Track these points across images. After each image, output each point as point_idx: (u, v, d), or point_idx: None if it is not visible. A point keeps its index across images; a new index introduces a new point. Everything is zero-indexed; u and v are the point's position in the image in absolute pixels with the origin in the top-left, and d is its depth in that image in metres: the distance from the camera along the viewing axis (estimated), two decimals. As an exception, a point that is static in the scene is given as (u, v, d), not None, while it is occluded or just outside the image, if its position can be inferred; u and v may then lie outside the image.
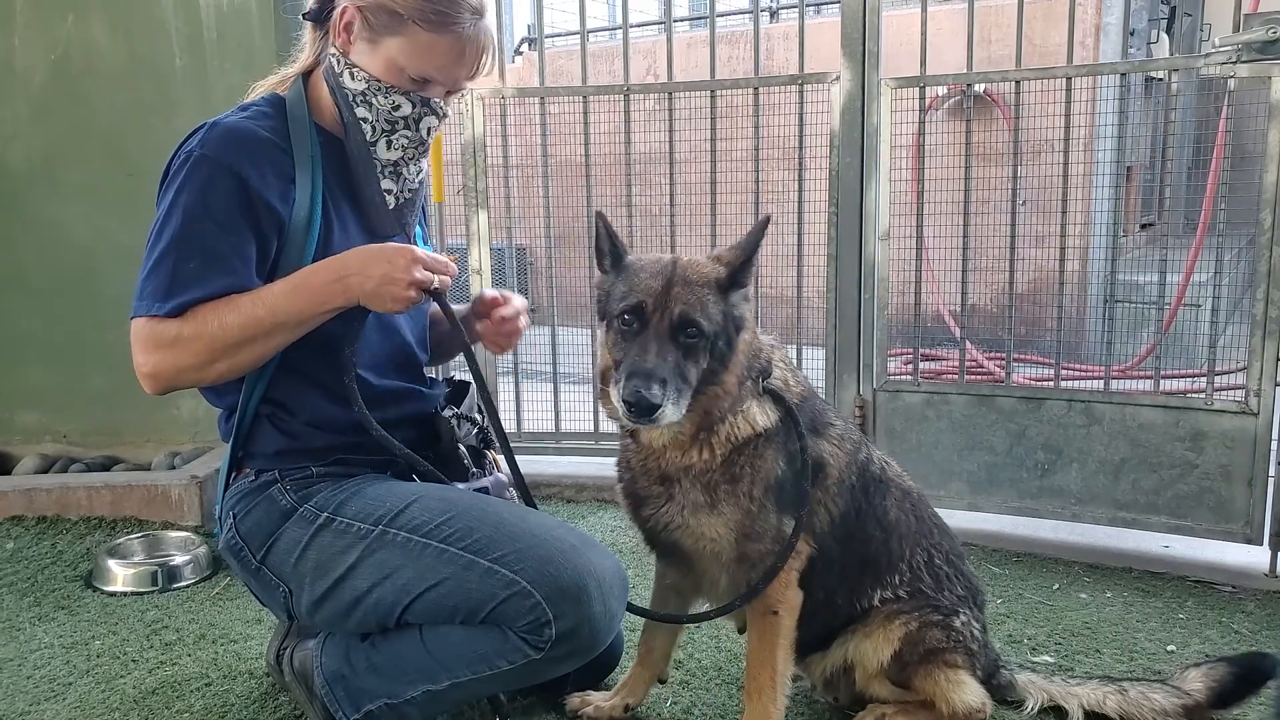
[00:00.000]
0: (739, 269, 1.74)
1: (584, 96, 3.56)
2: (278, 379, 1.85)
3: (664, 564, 2.00)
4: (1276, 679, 1.99)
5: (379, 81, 1.79)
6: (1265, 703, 2.03)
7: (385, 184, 1.87)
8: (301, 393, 1.87)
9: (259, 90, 1.94)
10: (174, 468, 3.54)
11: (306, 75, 1.91)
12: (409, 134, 1.85)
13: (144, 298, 1.69)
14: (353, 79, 1.80)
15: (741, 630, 2.07)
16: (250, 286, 1.72)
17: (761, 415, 1.79)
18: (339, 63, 1.81)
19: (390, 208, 1.89)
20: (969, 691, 1.94)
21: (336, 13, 1.80)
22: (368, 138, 1.83)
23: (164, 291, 1.68)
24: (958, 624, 1.95)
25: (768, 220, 1.76)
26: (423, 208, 2.11)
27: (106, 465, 3.70)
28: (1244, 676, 2.00)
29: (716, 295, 1.72)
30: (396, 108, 1.82)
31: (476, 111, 3.57)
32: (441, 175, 3.68)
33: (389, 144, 1.85)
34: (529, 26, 8.96)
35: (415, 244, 1.93)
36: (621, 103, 3.52)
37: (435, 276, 1.75)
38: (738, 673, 2.23)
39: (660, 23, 5.40)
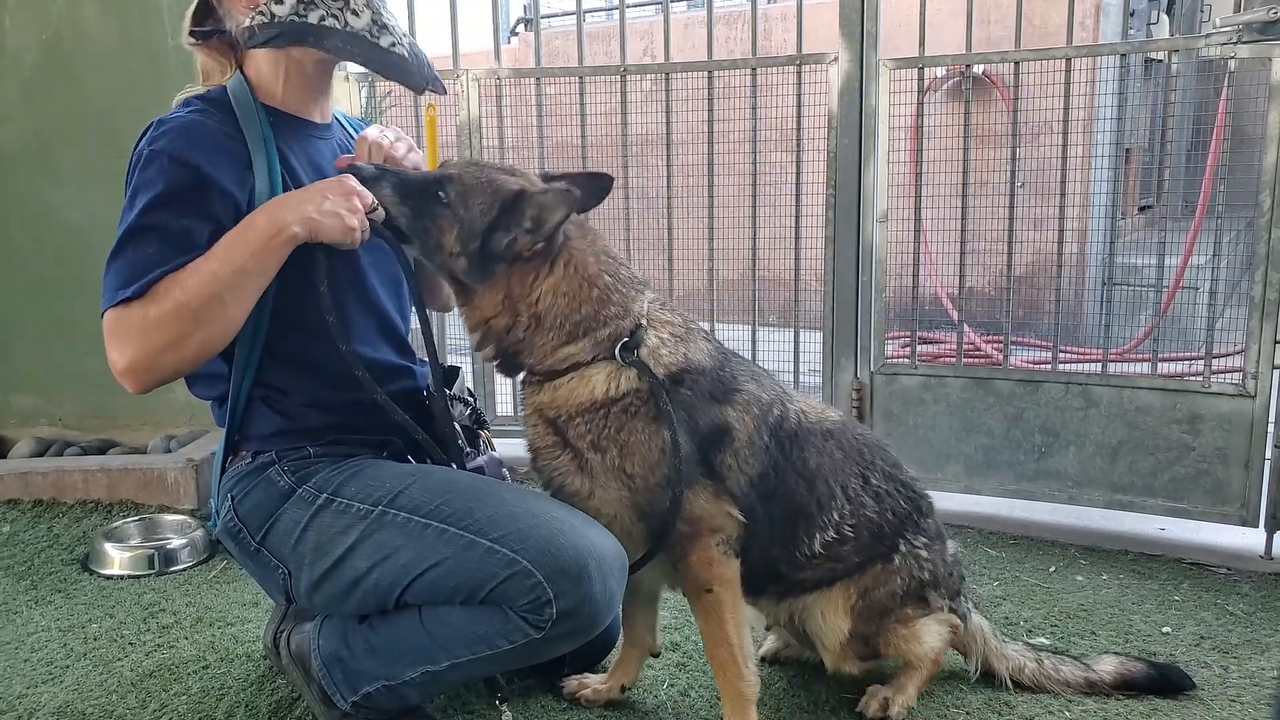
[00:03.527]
0: (526, 200, 1.71)
1: (580, 77, 3.54)
2: (268, 364, 1.85)
3: None
4: (1185, 691, 2.08)
5: None
6: (1266, 702, 2.04)
7: (384, 41, 1.81)
8: (294, 374, 1.86)
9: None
10: (170, 451, 3.54)
11: (240, 68, 1.89)
12: None
13: (108, 290, 1.69)
14: (279, 3, 1.75)
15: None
16: None
17: (605, 382, 1.75)
18: (264, 10, 1.76)
19: (408, 59, 1.84)
20: (928, 636, 1.98)
21: None
22: (343, 27, 1.77)
23: (126, 278, 1.67)
24: (896, 560, 1.95)
25: (570, 193, 1.70)
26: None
27: (102, 449, 3.69)
28: (1156, 681, 2.08)
29: (494, 204, 1.73)
30: None
31: (472, 93, 3.55)
32: (437, 157, 3.64)
33: (355, 13, 1.79)
34: (525, 7, 8.90)
35: None
36: (618, 84, 3.50)
37: (372, 196, 1.73)
38: (735, 655, 2.23)
39: (657, 3, 5.37)
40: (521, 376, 1.85)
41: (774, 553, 1.91)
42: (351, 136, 2.06)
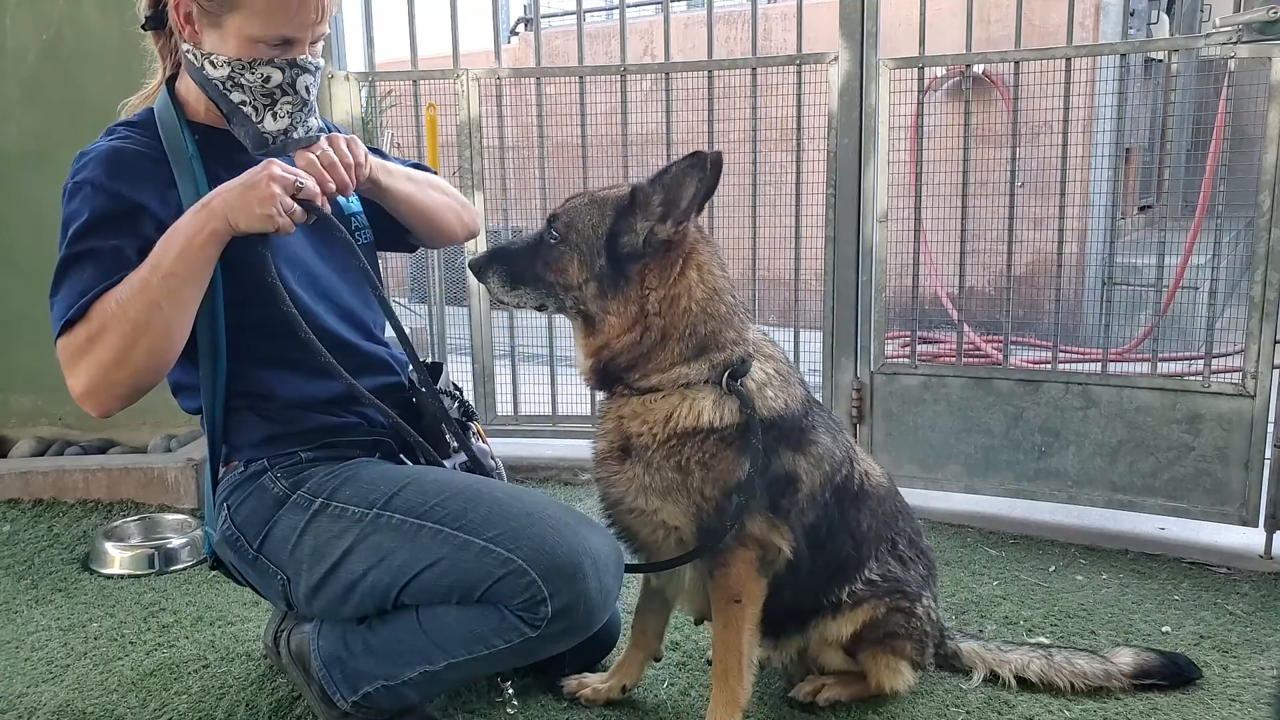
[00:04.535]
0: (643, 192, 1.72)
1: (580, 77, 3.54)
2: (246, 371, 1.84)
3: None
4: (1193, 682, 2.12)
5: (240, 60, 1.73)
6: (1266, 702, 2.04)
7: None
8: (274, 376, 1.85)
9: (128, 109, 1.93)
10: (170, 450, 3.54)
11: (171, 81, 1.89)
12: (290, 99, 1.79)
13: (54, 323, 1.67)
14: (215, 67, 1.75)
15: (698, 622, 2.12)
16: None
17: (713, 410, 1.75)
18: (196, 56, 1.76)
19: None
20: (901, 682, 2.02)
21: (170, 9, 1.76)
22: (258, 121, 1.78)
23: (66, 305, 1.66)
24: (920, 610, 2.00)
25: (698, 155, 1.68)
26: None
27: (102, 448, 3.69)
28: (1168, 669, 2.12)
29: (604, 214, 1.74)
30: (268, 79, 1.75)
31: (472, 92, 3.55)
32: (437, 156, 3.66)
33: (274, 116, 1.79)
34: (525, 7, 8.90)
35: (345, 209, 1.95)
36: (618, 83, 3.50)
37: (296, 176, 1.70)
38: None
39: (657, 2, 5.37)
40: (614, 390, 1.83)
41: (803, 600, 1.94)
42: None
